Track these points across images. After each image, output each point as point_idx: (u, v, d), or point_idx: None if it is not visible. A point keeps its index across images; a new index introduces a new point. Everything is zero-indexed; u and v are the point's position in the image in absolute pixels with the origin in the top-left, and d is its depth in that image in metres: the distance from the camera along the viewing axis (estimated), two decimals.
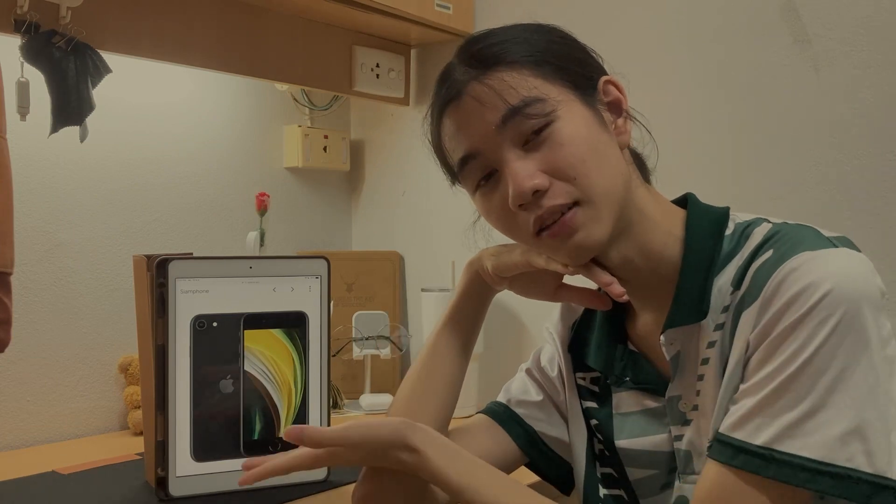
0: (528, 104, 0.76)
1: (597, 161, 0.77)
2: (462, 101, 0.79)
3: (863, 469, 0.64)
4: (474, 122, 0.78)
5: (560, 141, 0.76)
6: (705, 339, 0.78)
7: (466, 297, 0.96)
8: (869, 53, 1.19)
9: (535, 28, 0.82)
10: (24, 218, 1.34)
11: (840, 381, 0.65)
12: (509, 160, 0.77)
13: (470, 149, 0.79)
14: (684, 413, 0.81)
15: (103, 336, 1.45)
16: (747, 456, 0.67)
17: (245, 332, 1.01)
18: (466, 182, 0.83)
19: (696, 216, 0.82)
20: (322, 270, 1.06)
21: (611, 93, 0.82)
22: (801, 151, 1.25)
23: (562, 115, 0.77)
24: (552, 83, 0.78)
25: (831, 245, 0.71)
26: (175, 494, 0.98)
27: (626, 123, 0.82)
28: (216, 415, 1.00)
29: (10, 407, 1.34)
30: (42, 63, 1.18)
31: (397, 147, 1.83)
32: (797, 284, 0.68)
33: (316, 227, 1.84)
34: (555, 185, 0.76)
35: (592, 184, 0.76)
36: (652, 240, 0.81)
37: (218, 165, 1.64)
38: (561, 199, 0.76)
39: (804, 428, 0.65)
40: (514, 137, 0.77)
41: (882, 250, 1.17)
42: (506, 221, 0.80)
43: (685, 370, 0.80)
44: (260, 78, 1.55)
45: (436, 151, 0.87)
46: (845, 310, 0.65)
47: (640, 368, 0.86)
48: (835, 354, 0.65)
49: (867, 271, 0.69)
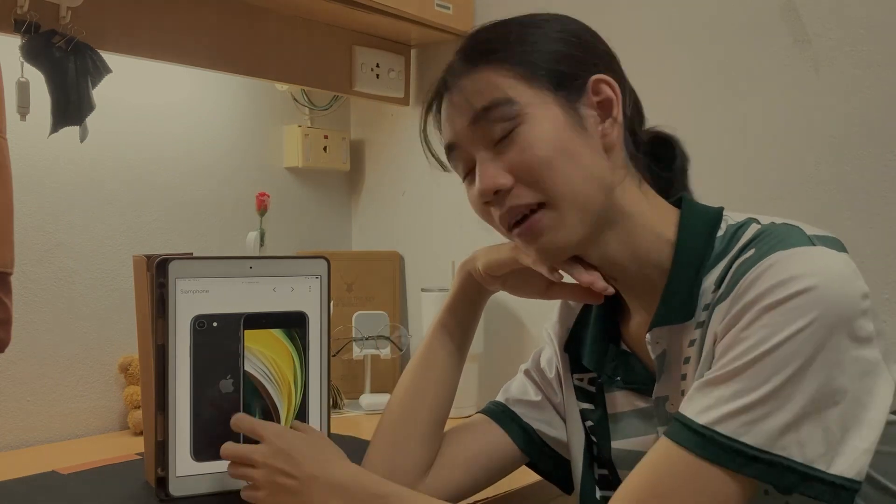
0: (493, 107, 0.78)
1: (564, 164, 0.76)
2: (449, 93, 0.82)
3: (794, 458, 0.64)
4: (454, 118, 0.82)
5: (525, 144, 0.77)
6: (688, 338, 0.78)
7: (460, 297, 0.96)
8: (869, 53, 1.19)
9: (530, 22, 0.82)
10: (24, 218, 1.34)
11: (796, 375, 0.64)
12: (479, 159, 0.80)
13: (451, 140, 0.83)
14: (671, 414, 0.80)
15: (103, 336, 1.45)
16: (690, 433, 0.67)
17: (245, 332, 1.01)
18: (455, 170, 0.86)
19: (688, 217, 0.81)
20: (322, 270, 1.06)
21: (602, 92, 0.80)
22: (800, 151, 1.25)
23: (532, 117, 0.77)
24: (528, 83, 0.78)
25: (811, 244, 0.70)
26: (175, 494, 0.98)
27: (614, 125, 0.80)
28: (216, 415, 1.00)
29: (10, 407, 1.34)
30: (42, 63, 1.18)
31: (397, 147, 1.83)
32: (773, 278, 0.67)
33: (316, 227, 1.84)
34: (518, 186, 0.78)
35: (557, 186, 0.76)
36: (638, 242, 0.81)
37: (218, 165, 1.64)
38: (524, 200, 0.78)
39: (751, 415, 0.65)
40: (484, 139, 0.79)
41: (882, 250, 1.17)
42: (482, 214, 0.83)
43: (670, 369, 0.80)
44: (260, 78, 1.55)
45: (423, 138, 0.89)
46: (820, 310, 0.65)
47: (630, 368, 0.86)
48: (798, 350, 0.64)
49: (848, 272, 0.68)
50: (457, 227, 1.67)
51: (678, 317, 0.78)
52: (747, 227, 0.77)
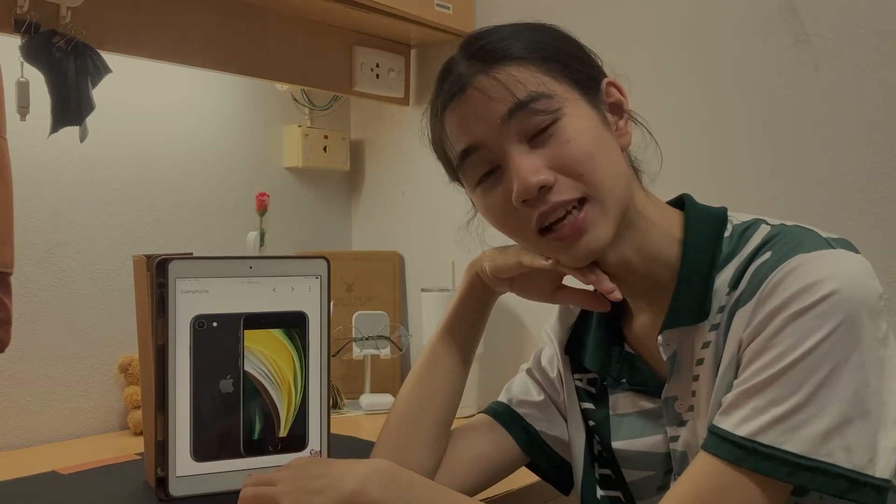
0: (535, 99, 0.75)
1: (602, 157, 0.76)
2: (467, 95, 0.78)
3: (841, 464, 0.64)
4: (480, 115, 0.77)
5: (566, 137, 0.75)
6: (700, 340, 0.78)
7: (467, 299, 0.96)
8: (869, 53, 1.19)
9: (538, 27, 0.82)
10: (24, 218, 1.34)
11: (829, 379, 0.65)
12: (514, 155, 0.76)
13: (473, 141, 0.78)
14: (680, 414, 0.80)
15: (103, 336, 1.45)
16: (730, 445, 0.67)
17: (245, 332, 1.01)
18: (466, 177, 0.82)
19: (694, 217, 0.81)
20: (322, 270, 1.06)
21: (612, 94, 0.82)
22: (800, 151, 1.25)
23: (568, 113, 0.76)
24: (558, 81, 0.77)
25: (829, 247, 0.71)
26: (175, 494, 0.98)
27: (627, 125, 0.82)
28: (216, 415, 1.00)
29: (10, 407, 1.34)
30: (42, 63, 1.18)
31: (397, 147, 1.83)
32: (797, 283, 0.67)
33: (316, 227, 1.84)
34: (560, 181, 0.75)
35: (600, 180, 0.75)
36: (650, 241, 0.81)
37: (218, 165, 1.64)
38: (567, 195, 0.75)
39: (789, 423, 0.65)
40: (520, 132, 0.76)
41: (882, 250, 1.17)
42: (506, 219, 0.79)
43: (681, 371, 0.80)
44: (260, 78, 1.55)
45: (434, 147, 0.86)
46: (845, 312, 0.65)
47: (636, 370, 0.86)
48: (828, 354, 0.65)
49: (867, 274, 0.69)
50: (457, 228, 1.66)
51: (690, 318, 0.78)
52: (757, 228, 0.77)
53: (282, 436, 1.03)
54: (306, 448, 1.04)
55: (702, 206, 0.83)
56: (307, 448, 1.04)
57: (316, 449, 1.05)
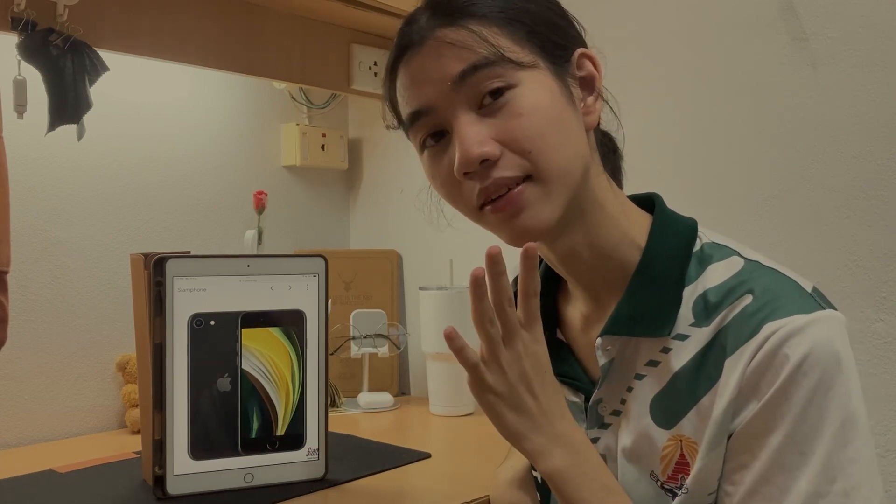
0: (490, 63, 0.69)
1: (556, 137, 0.70)
2: (421, 50, 0.72)
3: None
4: (431, 74, 0.71)
5: (519, 110, 0.69)
6: (647, 356, 0.74)
7: None
8: (867, 52, 1.19)
9: None
10: (21, 216, 1.33)
11: (838, 444, 0.64)
12: (461, 122, 0.70)
13: (422, 104, 0.73)
14: (603, 416, 0.77)
15: (101, 334, 1.45)
16: None
17: (243, 331, 1.01)
18: (415, 139, 0.77)
19: (661, 226, 0.76)
20: (320, 269, 1.06)
21: (585, 67, 0.75)
22: (798, 150, 1.25)
23: (525, 81, 0.70)
24: (521, 45, 0.71)
25: (818, 306, 0.67)
26: (172, 493, 0.98)
27: (596, 103, 0.75)
28: (214, 413, 1.00)
29: (8, 405, 1.33)
30: (39, 61, 1.18)
31: (395, 145, 1.83)
32: (790, 364, 0.65)
33: (314, 226, 1.84)
34: (506, 155, 0.69)
35: (548, 160, 0.69)
36: (604, 235, 0.75)
37: (215, 164, 1.64)
38: (510, 172, 0.69)
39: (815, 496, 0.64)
40: (470, 97, 0.70)
41: (882, 250, 1.17)
42: (450, 189, 0.74)
43: (614, 379, 0.76)
44: (258, 76, 1.55)
45: (389, 102, 0.80)
46: (840, 385, 0.65)
47: (563, 361, 0.81)
48: (831, 423, 0.64)
49: (845, 336, 0.67)
50: (456, 226, 1.66)
51: (639, 331, 0.73)
52: (722, 258, 0.73)
53: (279, 434, 1.03)
54: (304, 446, 1.04)
55: (671, 214, 0.78)
56: (305, 446, 1.04)
57: (314, 448, 1.05)
